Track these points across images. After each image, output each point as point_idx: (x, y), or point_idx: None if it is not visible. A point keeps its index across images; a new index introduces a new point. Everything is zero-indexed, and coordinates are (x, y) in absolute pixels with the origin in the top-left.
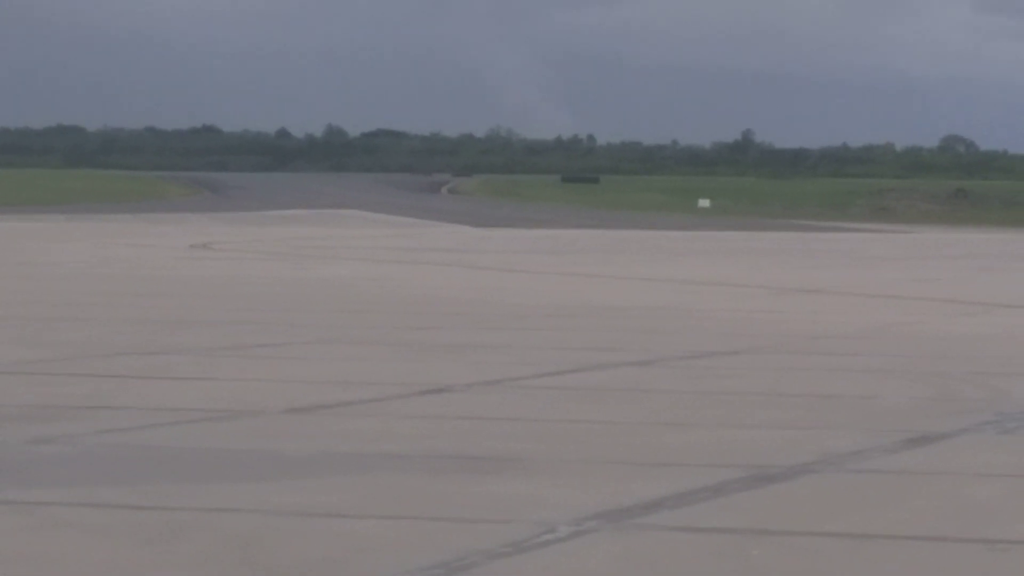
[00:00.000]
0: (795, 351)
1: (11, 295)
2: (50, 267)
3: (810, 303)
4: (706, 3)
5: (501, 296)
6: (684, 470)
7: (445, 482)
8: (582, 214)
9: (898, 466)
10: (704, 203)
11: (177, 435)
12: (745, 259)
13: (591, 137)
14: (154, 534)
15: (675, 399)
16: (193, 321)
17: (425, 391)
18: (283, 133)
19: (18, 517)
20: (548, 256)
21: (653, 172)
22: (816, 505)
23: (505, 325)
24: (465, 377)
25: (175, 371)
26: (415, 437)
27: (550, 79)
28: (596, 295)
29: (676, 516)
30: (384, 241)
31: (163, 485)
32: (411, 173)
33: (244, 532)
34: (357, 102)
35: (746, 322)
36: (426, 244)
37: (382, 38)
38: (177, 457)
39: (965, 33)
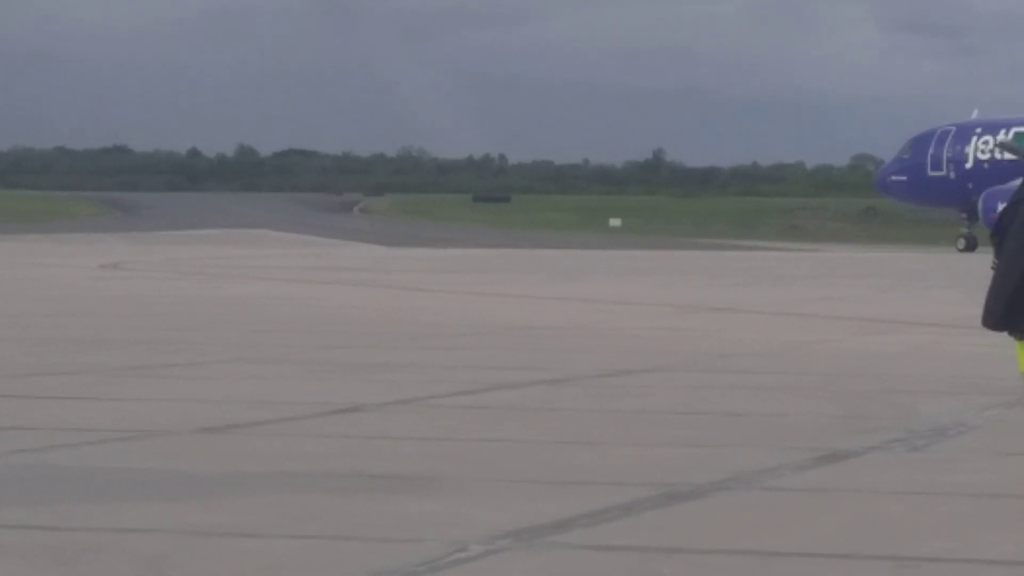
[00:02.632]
0: (705, 369)
1: None
2: None
3: (720, 321)
4: (614, 21)
5: (412, 315)
6: (596, 488)
7: (356, 501)
8: (493, 233)
9: (808, 484)
10: (615, 222)
11: (86, 455)
12: (656, 278)
13: (503, 156)
14: (63, 555)
15: (587, 417)
16: (102, 341)
17: (337, 410)
18: (194, 152)
19: None
20: (459, 275)
21: (565, 191)
22: (727, 523)
23: (417, 344)
24: (377, 396)
25: (84, 391)
26: (327, 456)
27: (461, 98)
28: (507, 314)
29: (588, 534)
30: (295, 260)
31: (72, 505)
32: (323, 192)
33: (154, 552)
34: (268, 121)
35: (657, 340)
36: (337, 264)
37: (293, 57)
38: (86, 477)
39: (872, 51)
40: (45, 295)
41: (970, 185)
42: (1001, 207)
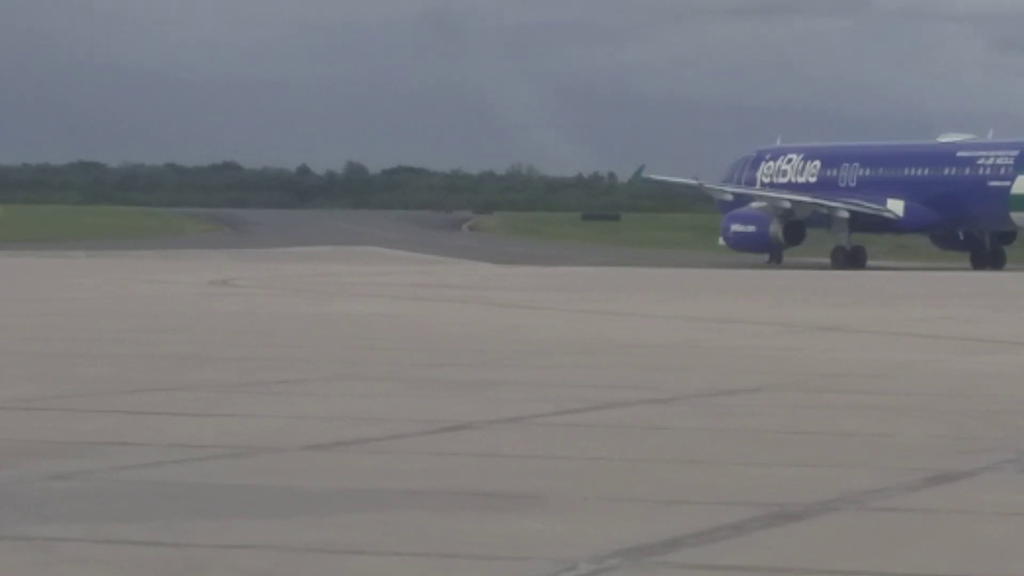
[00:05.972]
0: (813, 389)
1: (28, 331)
2: (68, 303)
3: (828, 341)
4: (722, 39)
5: (520, 333)
6: (704, 508)
7: (464, 519)
8: (602, 252)
9: (918, 504)
10: (724, 241)
11: (194, 471)
12: (764, 297)
13: (612, 174)
14: (170, 570)
15: (694, 436)
16: (211, 357)
17: (444, 428)
18: (304, 170)
19: (34, 553)
20: (567, 293)
21: (674, 209)
22: (837, 543)
23: (524, 362)
24: (484, 414)
25: (193, 407)
26: (434, 474)
27: (570, 116)
28: (615, 332)
29: (697, 554)
30: (403, 278)
31: (180, 521)
32: (432, 210)
33: (261, 569)
34: (377, 139)
35: (764, 359)
36: (445, 281)
37: (402, 75)
38: (194, 493)
39: (982, 70)
40: (154, 311)
41: None
42: (734, 229)
